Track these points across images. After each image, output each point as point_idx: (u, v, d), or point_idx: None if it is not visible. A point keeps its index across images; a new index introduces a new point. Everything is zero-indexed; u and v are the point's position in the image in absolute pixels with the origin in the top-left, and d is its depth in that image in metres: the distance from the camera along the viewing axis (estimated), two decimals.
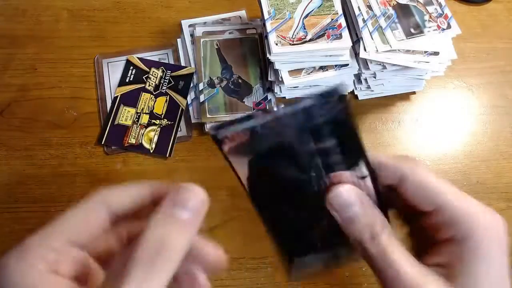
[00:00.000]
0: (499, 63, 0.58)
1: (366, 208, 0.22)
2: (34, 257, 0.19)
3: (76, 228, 0.21)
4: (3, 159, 0.48)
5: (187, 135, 0.51)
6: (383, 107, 0.54)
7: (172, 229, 0.19)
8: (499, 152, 0.52)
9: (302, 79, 0.48)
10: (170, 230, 0.19)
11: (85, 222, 0.21)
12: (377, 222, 0.21)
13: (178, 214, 0.19)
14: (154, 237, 0.18)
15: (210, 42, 0.55)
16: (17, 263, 0.19)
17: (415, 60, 0.48)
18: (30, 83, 0.53)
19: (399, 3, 0.50)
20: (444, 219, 0.21)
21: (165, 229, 0.19)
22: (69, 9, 0.58)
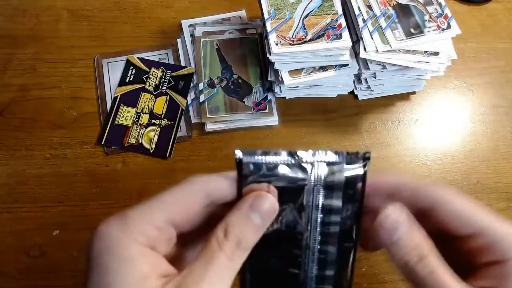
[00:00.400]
0: (499, 63, 0.58)
1: (414, 229, 0.22)
2: (137, 231, 0.20)
3: (176, 208, 0.21)
4: (3, 159, 0.48)
5: (187, 135, 0.51)
6: (383, 107, 0.54)
7: (247, 230, 0.21)
8: (499, 152, 0.52)
9: (302, 79, 0.48)
10: (245, 230, 0.21)
11: (185, 203, 0.22)
12: (424, 243, 0.22)
13: (253, 218, 0.21)
14: (235, 233, 0.21)
15: (210, 42, 0.55)
16: (120, 235, 0.20)
17: (415, 60, 0.48)
18: (30, 83, 0.53)
19: (399, 3, 0.50)
20: (485, 242, 0.21)
21: (242, 228, 0.21)
22: (69, 9, 0.58)
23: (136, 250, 0.20)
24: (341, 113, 0.53)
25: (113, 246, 0.19)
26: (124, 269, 0.19)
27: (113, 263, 0.19)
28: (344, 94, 0.54)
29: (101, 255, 0.19)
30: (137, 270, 0.19)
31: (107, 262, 0.19)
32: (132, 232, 0.20)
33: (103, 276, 0.19)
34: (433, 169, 0.50)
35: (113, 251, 0.19)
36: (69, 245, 0.44)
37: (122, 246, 0.19)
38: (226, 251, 0.20)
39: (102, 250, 0.19)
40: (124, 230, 0.20)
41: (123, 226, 0.20)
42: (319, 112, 0.53)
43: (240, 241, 0.21)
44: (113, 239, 0.20)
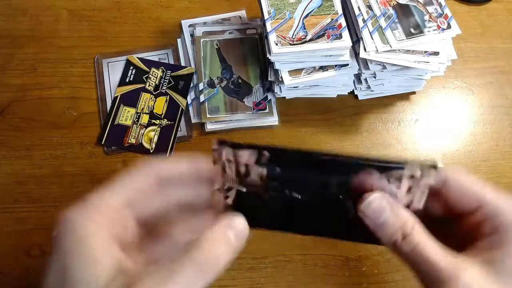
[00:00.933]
0: (499, 63, 0.58)
1: (396, 212, 0.23)
2: (94, 211, 0.21)
3: (130, 189, 0.22)
4: (3, 159, 0.48)
5: (187, 135, 0.51)
6: (383, 107, 0.54)
7: (224, 249, 0.21)
8: (499, 152, 0.52)
9: (302, 79, 0.48)
10: (222, 249, 0.21)
11: (138, 185, 0.23)
12: (407, 222, 0.23)
13: (230, 236, 0.22)
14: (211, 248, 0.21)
15: (210, 42, 0.55)
16: (77, 216, 0.21)
17: (415, 60, 0.48)
18: (30, 83, 0.53)
19: (399, 3, 0.50)
20: (486, 214, 0.23)
21: (219, 248, 0.21)
22: (69, 9, 0.58)
23: (91, 229, 0.20)
24: (341, 113, 0.53)
25: (71, 227, 0.20)
26: (81, 250, 0.20)
27: (70, 243, 0.20)
28: (344, 94, 0.54)
29: (60, 238, 0.20)
30: (93, 252, 0.20)
31: (64, 243, 0.20)
32: (90, 212, 0.21)
33: (62, 255, 0.20)
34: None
35: (70, 232, 0.20)
36: None
37: (79, 226, 0.20)
38: (195, 265, 0.20)
39: (62, 233, 0.21)
40: (82, 211, 0.21)
41: (81, 208, 0.21)
42: (319, 112, 0.53)
43: (215, 258, 0.21)
44: (71, 221, 0.21)
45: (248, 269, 0.44)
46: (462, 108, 0.55)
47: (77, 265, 0.19)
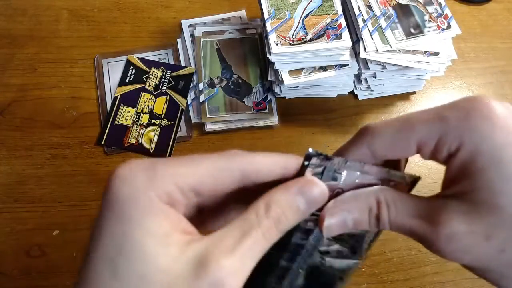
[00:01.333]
0: (499, 63, 0.58)
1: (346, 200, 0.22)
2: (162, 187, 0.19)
3: (206, 177, 0.20)
4: (3, 159, 0.48)
5: (187, 135, 0.51)
6: (383, 107, 0.54)
7: (289, 212, 0.20)
8: None
9: (302, 79, 0.48)
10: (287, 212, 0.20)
11: (217, 177, 0.20)
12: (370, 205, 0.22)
13: (298, 202, 0.20)
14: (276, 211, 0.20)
15: (210, 42, 0.55)
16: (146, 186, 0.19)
17: (415, 60, 0.48)
18: (30, 83, 0.53)
19: (399, 3, 0.50)
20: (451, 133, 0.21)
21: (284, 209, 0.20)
22: (69, 9, 0.58)
23: (159, 205, 0.19)
24: (341, 113, 0.53)
25: (138, 196, 0.18)
26: (148, 223, 0.18)
27: (136, 213, 0.18)
28: (344, 94, 0.54)
29: (123, 202, 0.18)
30: (160, 226, 0.18)
31: (130, 211, 0.18)
32: (158, 187, 0.19)
33: (124, 224, 0.18)
34: (433, 169, 0.50)
35: (137, 201, 0.18)
36: (69, 245, 0.44)
37: (148, 198, 0.18)
38: (263, 228, 0.19)
39: (126, 197, 0.18)
40: (151, 182, 0.19)
41: (150, 178, 0.19)
42: (319, 112, 0.53)
43: (279, 221, 0.20)
44: (138, 189, 0.18)
45: None
46: None
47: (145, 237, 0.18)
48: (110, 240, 0.18)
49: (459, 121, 0.21)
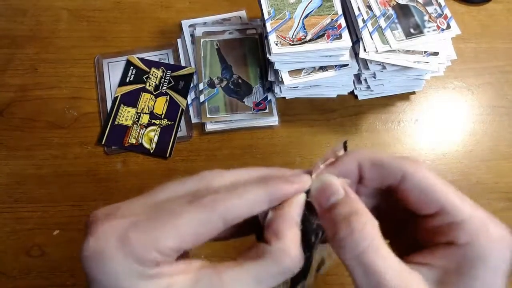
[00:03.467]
0: (499, 63, 0.58)
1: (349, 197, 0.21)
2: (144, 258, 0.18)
3: (188, 234, 0.19)
4: (3, 159, 0.48)
5: (187, 135, 0.51)
6: (383, 107, 0.54)
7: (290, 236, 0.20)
8: (499, 152, 0.52)
9: (302, 79, 0.49)
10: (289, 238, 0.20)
11: (199, 232, 0.19)
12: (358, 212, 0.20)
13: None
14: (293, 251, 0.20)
15: (210, 42, 0.55)
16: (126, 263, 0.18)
17: (415, 60, 0.48)
18: (30, 83, 0.53)
19: (399, 4, 0.50)
20: (448, 222, 0.20)
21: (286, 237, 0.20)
22: (69, 9, 0.58)
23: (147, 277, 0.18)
24: (341, 113, 0.53)
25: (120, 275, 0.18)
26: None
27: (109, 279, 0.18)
28: (344, 94, 0.54)
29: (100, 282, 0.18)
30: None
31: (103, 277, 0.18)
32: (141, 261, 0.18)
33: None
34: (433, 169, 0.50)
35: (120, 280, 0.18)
36: (69, 245, 0.44)
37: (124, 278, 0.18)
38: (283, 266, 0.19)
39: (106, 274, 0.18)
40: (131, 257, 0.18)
41: (129, 252, 0.18)
42: (319, 112, 0.53)
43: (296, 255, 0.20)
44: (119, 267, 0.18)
45: None
46: (461, 108, 0.55)
47: None
48: None
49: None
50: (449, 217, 0.20)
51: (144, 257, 0.18)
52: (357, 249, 0.18)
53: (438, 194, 0.21)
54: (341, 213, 0.20)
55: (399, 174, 0.21)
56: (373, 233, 0.19)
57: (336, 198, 0.20)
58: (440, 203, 0.20)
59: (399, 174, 0.21)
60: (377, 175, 0.22)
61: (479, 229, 0.20)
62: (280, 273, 0.19)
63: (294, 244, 0.20)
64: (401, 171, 0.21)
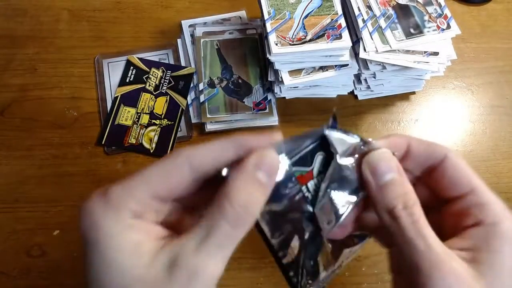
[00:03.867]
0: (499, 63, 0.58)
1: (403, 177, 0.22)
2: (120, 206, 0.20)
3: (158, 182, 0.21)
4: (3, 159, 0.48)
5: (187, 135, 0.51)
6: (383, 107, 0.54)
7: (255, 191, 0.20)
8: (499, 152, 0.52)
9: (302, 79, 0.49)
10: (253, 191, 0.20)
11: (167, 177, 0.21)
12: (410, 193, 0.22)
13: (260, 177, 0.20)
14: (241, 197, 0.20)
15: (210, 42, 0.55)
16: (104, 211, 0.20)
17: (415, 60, 0.48)
18: (30, 83, 0.53)
19: (399, 4, 0.50)
20: (476, 202, 0.22)
21: (249, 190, 0.20)
22: (69, 9, 0.58)
23: (122, 223, 0.20)
24: (341, 113, 0.53)
25: (100, 222, 0.20)
26: (115, 241, 0.19)
27: (103, 237, 0.19)
28: (344, 94, 0.54)
29: (89, 232, 0.20)
30: (127, 240, 0.19)
31: (97, 237, 0.19)
32: (116, 207, 0.20)
33: (97, 249, 0.19)
34: None
35: (100, 227, 0.20)
36: (69, 245, 0.44)
37: (108, 221, 0.20)
38: (229, 219, 0.19)
39: (89, 227, 0.20)
40: (108, 206, 0.20)
41: (106, 202, 0.20)
42: (319, 112, 0.53)
43: (247, 206, 0.20)
44: (98, 216, 0.20)
45: (248, 269, 0.44)
46: (461, 108, 0.55)
47: (115, 254, 0.19)
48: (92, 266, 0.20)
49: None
50: (478, 198, 0.22)
51: (120, 206, 0.20)
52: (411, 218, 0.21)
53: (471, 176, 0.23)
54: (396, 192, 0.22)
55: (443, 153, 0.23)
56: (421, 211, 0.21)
57: (392, 176, 0.22)
58: (472, 184, 0.23)
59: (444, 153, 0.23)
60: (424, 152, 0.24)
61: (504, 211, 0.22)
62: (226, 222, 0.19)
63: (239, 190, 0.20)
64: (445, 151, 0.24)
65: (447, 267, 0.20)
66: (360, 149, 0.24)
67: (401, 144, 0.24)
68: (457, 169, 0.23)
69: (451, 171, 0.23)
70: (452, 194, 0.23)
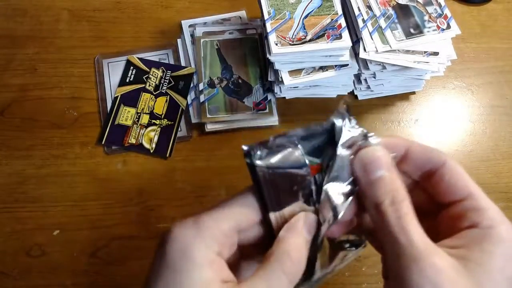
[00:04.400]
0: (499, 63, 0.58)
1: (392, 173, 0.23)
2: (208, 236, 0.21)
3: (242, 216, 0.23)
4: (3, 159, 0.48)
5: (187, 135, 0.51)
6: (383, 107, 0.54)
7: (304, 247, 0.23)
8: (499, 152, 0.52)
9: (302, 79, 0.49)
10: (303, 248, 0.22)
11: (247, 211, 0.23)
12: (399, 190, 0.22)
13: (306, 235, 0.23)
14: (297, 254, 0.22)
15: (210, 42, 0.55)
16: (194, 240, 0.21)
17: (415, 60, 0.48)
18: (30, 83, 0.53)
19: (399, 4, 0.50)
20: (473, 207, 0.23)
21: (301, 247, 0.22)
22: (69, 9, 0.58)
23: (206, 255, 0.21)
24: None
25: (188, 250, 0.21)
26: (195, 273, 0.21)
27: (186, 265, 0.21)
28: (344, 94, 0.54)
29: (175, 257, 0.21)
30: (205, 274, 0.21)
31: (181, 264, 0.21)
32: (205, 237, 0.21)
33: (176, 276, 0.21)
34: None
35: (187, 255, 0.21)
36: (69, 245, 0.44)
37: (196, 250, 0.21)
38: (287, 273, 0.21)
39: (177, 252, 0.21)
40: (198, 235, 0.21)
41: (196, 230, 0.21)
42: (319, 112, 0.53)
43: (300, 262, 0.22)
44: (187, 244, 0.21)
45: None
46: (461, 108, 0.55)
47: (189, 284, 0.20)
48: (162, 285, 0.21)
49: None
50: (475, 203, 0.23)
51: (211, 237, 0.21)
52: (396, 214, 0.21)
53: (469, 182, 0.24)
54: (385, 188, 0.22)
55: (443, 159, 0.24)
56: (409, 207, 0.22)
57: (382, 173, 0.22)
58: (470, 189, 0.24)
59: (443, 159, 0.24)
60: (423, 157, 0.25)
61: (500, 216, 0.22)
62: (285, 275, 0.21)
63: (296, 249, 0.22)
64: (444, 157, 0.24)
65: (427, 261, 0.20)
66: (359, 143, 0.24)
67: (400, 146, 0.25)
68: (455, 174, 0.24)
69: (449, 177, 0.24)
70: (450, 199, 0.24)
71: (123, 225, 0.46)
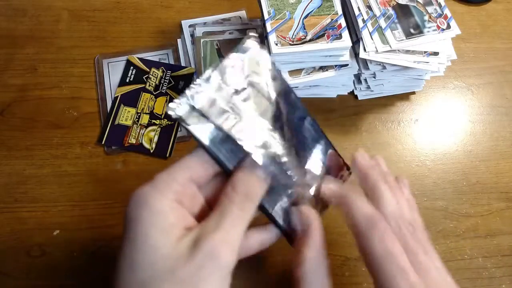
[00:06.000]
0: (499, 63, 0.58)
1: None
2: (164, 187, 0.24)
3: (195, 168, 0.25)
4: (3, 159, 0.48)
5: (187, 135, 0.51)
6: (382, 107, 0.54)
7: (254, 183, 0.25)
8: (499, 152, 0.52)
9: (302, 79, 0.49)
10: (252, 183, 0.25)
11: (202, 165, 0.26)
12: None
13: (258, 173, 0.26)
14: (243, 187, 0.25)
15: (210, 42, 0.55)
16: (151, 192, 0.24)
17: (415, 60, 0.48)
18: (30, 83, 0.53)
19: (399, 4, 0.50)
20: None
21: (249, 183, 0.25)
22: (69, 9, 0.58)
23: (165, 203, 0.23)
24: (341, 113, 0.53)
25: (146, 201, 0.23)
26: (155, 219, 0.23)
27: (145, 214, 0.23)
28: (344, 94, 0.54)
29: (136, 209, 0.23)
30: (166, 220, 0.23)
31: (141, 214, 0.23)
32: (161, 189, 0.24)
33: (138, 225, 0.23)
34: (432, 169, 0.51)
35: (146, 205, 0.23)
36: (69, 245, 0.44)
37: (154, 200, 0.23)
38: (236, 203, 0.24)
39: (137, 205, 0.23)
40: (154, 188, 0.24)
41: (153, 185, 0.24)
42: (319, 112, 0.53)
43: (248, 194, 0.25)
44: (145, 196, 0.23)
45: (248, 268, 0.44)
46: (461, 108, 0.55)
47: (151, 230, 0.22)
48: (128, 241, 0.23)
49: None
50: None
51: (165, 187, 0.24)
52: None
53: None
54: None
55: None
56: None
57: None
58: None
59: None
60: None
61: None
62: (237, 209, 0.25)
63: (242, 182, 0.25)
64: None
65: None
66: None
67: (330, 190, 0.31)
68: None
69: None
70: None
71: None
